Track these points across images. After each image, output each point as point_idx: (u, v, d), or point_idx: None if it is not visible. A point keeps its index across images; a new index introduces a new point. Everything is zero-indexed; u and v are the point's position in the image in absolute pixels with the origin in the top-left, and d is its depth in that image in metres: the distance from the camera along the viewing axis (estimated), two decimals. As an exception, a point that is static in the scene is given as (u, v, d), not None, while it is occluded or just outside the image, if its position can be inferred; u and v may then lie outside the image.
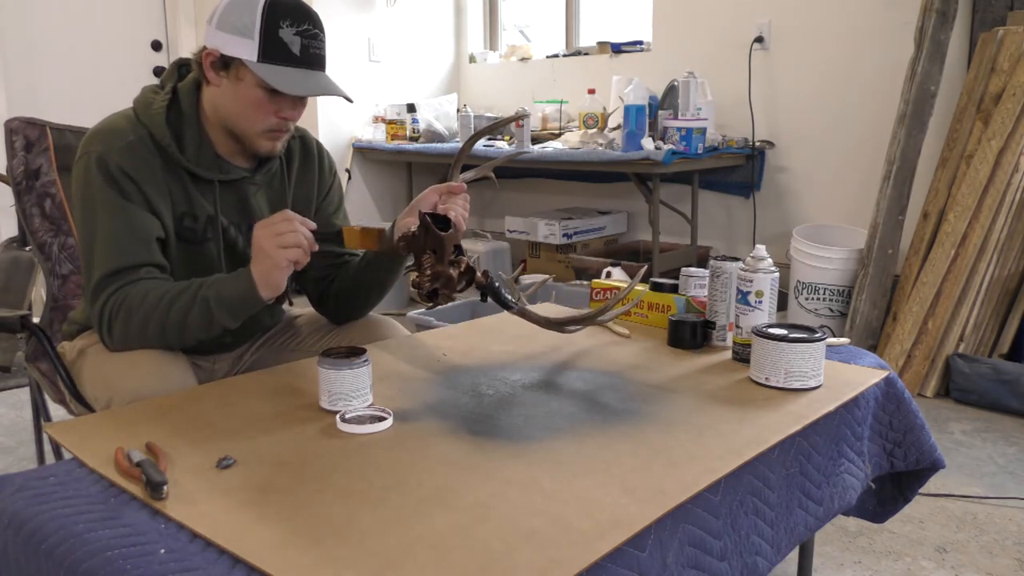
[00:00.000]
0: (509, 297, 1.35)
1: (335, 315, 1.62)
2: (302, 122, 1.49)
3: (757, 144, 3.70)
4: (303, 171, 1.56)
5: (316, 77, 1.34)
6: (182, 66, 1.44)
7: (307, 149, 1.57)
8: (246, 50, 1.29)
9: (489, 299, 1.36)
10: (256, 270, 1.28)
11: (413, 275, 1.32)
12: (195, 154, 1.39)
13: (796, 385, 1.27)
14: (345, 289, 1.55)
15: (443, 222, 1.31)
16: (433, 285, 1.29)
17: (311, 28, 1.32)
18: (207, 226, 1.43)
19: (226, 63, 1.33)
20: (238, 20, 1.29)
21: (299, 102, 1.37)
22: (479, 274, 1.32)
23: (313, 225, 1.30)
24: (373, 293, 1.56)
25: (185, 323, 1.31)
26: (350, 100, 1.39)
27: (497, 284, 1.34)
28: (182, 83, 1.40)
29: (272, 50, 1.29)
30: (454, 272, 1.29)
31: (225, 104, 1.36)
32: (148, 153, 1.36)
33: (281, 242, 1.25)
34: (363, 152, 4.50)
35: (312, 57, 1.33)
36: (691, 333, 1.50)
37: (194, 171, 1.39)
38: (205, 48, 1.34)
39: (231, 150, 1.43)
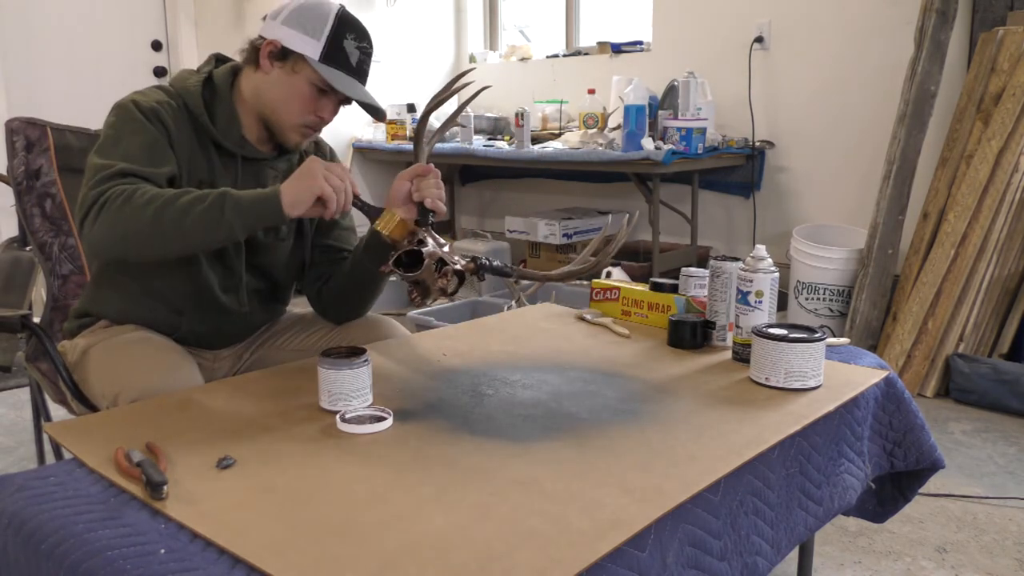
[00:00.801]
0: (500, 264, 1.40)
1: (333, 314, 1.62)
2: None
3: (757, 144, 3.70)
4: None
5: (362, 88, 1.44)
6: (219, 60, 1.51)
7: (320, 150, 1.62)
8: (310, 48, 1.39)
9: (486, 276, 1.39)
10: (291, 184, 1.28)
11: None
12: (225, 128, 1.44)
13: (796, 385, 1.27)
14: (341, 287, 1.56)
15: (414, 257, 1.33)
16: (434, 298, 1.35)
17: (368, 47, 1.44)
18: None
19: (284, 55, 1.40)
20: (309, 22, 1.39)
21: (337, 107, 1.46)
22: (468, 264, 1.35)
23: (359, 191, 1.34)
24: (367, 291, 1.56)
25: (189, 212, 1.23)
26: (383, 117, 1.49)
27: (487, 261, 1.38)
28: (218, 69, 1.48)
29: (333, 55, 1.39)
30: (443, 283, 1.33)
31: (271, 91, 1.43)
32: (181, 117, 1.41)
33: (330, 179, 1.28)
34: (363, 152, 4.50)
35: (363, 71, 1.44)
36: (691, 333, 1.50)
37: (221, 143, 1.44)
38: (264, 38, 1.42)
39: (257, 136, 1.48)
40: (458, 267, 1.33)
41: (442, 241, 1.37)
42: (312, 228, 1.58)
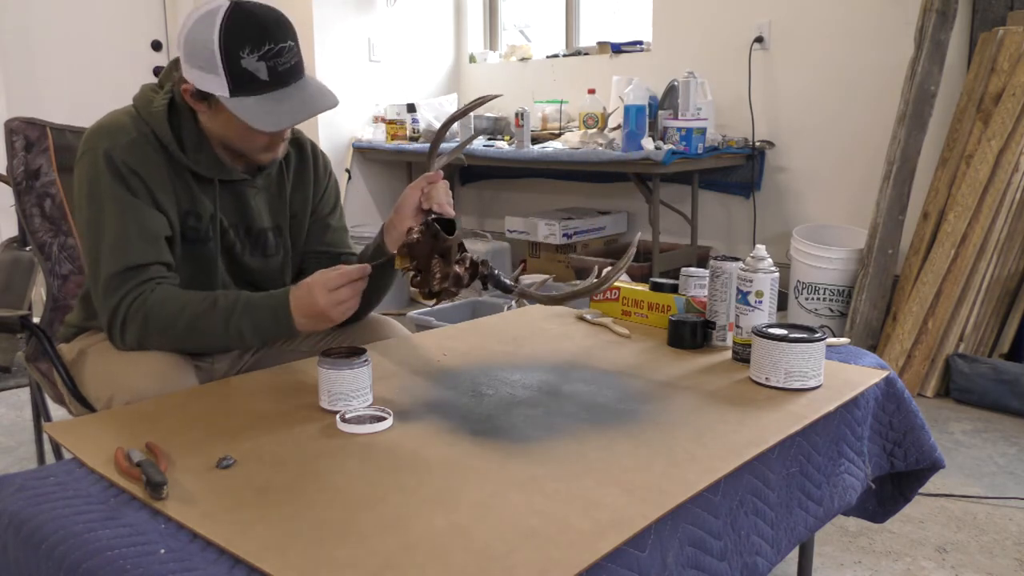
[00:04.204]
0: (508, 281, 1.37)
1: None
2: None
3: (757, 144, 3.70)
4: (299, 173, 1.56)
5: (292, 95, 1.30)
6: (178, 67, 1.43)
7: (302, 151, 1.57)
8: (216, 85, 1.27)
9: (490, 286, 1.37)
10: (308, 321, 1.30)
11: (411, 275, 1.31)
12: (195, 154, 1.39)
13: (796, 385, 1.27)
14: None
15: (448, 225, 1.32)
16: (442, 285, 1.29)
17: (273, 46, 1.26)
18: (210, 225, 1.43)
19: (203, 95, 1.32)
20: (199, 57, 1.27)
21: None
22: (480, 265, 1.33)
23: (368, 270, 1.29)
24: (372, 297, 1.55)
25: (212, 344, 1.38)
26: (335, 104, 1.35)
27: (496, 272, 1.36)
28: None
29: (241, 82, 1.26)
30: (460, 270, 1.29)
31: (216, 129, 1.37)
32: (152, 150, 1.36)
33: (342, 311, 1.28)
34: (363, 152, 4.50)
35: (284, 74, 1.28)
36: (691, 333, 1.50)
37: (195, 170, 1.40)
38: (184, 79, 1.32)
39: (230, 155, 1.43)
40: (475, 259, 1.30)
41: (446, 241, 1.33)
42: (302, 239, 1.57)
